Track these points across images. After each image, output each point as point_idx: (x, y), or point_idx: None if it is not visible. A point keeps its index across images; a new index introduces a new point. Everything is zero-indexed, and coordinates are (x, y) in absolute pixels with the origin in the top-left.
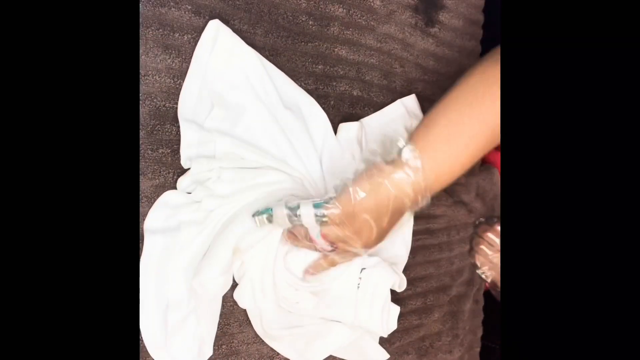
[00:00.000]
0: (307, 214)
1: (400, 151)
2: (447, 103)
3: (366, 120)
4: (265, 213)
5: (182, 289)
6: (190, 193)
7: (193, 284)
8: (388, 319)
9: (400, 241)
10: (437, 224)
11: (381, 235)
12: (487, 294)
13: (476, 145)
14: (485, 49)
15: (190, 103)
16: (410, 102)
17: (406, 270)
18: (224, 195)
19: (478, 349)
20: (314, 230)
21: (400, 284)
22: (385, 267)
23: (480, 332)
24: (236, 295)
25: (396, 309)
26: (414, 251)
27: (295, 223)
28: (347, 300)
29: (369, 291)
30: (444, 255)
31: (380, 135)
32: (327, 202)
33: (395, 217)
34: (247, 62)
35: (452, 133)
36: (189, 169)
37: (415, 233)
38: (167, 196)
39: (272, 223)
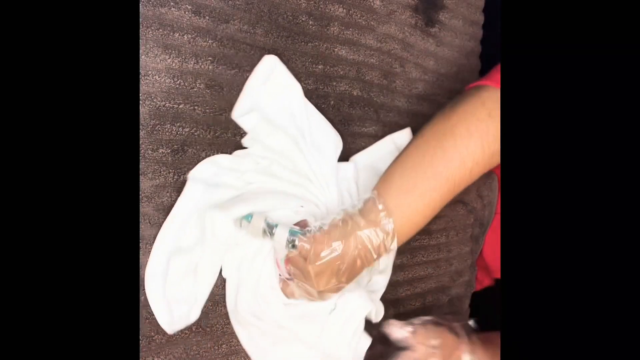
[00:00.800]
0: (280, 235)
1: (369, 205)
2: (404, 157)
3: (357, 157)
4: (245, 219)
5: (194, 237)
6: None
7: (206, 215)
8: (356, 347)
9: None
10: (436, 224)
11: (337, 289)
12: (474, 295)
13: (433, 198)
14: (485, 49)
15: (243, 111)
16: (401, 137)
17: (405, 271)
18: (265, 178)
19: None
20: (280, 254)
21: (377, 314)
22: (363, 294)
23: None
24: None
25: (367, 340)
26: (413, 251)
27: (266, 237)
28: (316, 319)
29: (342, 316)
30: (442, 256)
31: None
32: (303, 234)
33: (353, 273)
34: (295, 100)
35: (408, 189)
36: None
37: None
38: (219, 157)
39: (246, 229)
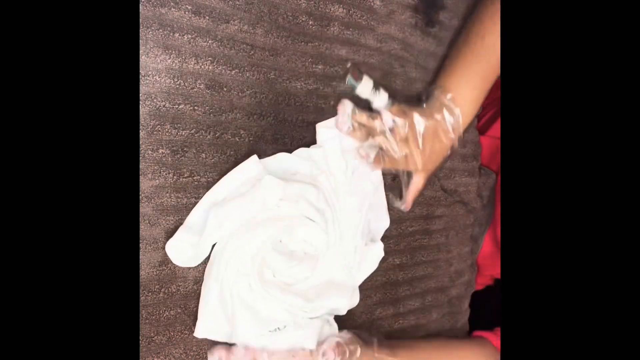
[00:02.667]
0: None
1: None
2: (458, 53)
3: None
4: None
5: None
6: None
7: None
8: None
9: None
10: (436, 224)
11: (425, 161)
12: (474, 295)
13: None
14: None
15: None
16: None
17: (405, 271)
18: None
19: None
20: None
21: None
22: (315, 326)
23: None
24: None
25: None
26: (412, 251)
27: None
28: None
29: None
30: (442, 256)
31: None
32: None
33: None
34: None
35: (470, 75)
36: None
37: (413, 234)
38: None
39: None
